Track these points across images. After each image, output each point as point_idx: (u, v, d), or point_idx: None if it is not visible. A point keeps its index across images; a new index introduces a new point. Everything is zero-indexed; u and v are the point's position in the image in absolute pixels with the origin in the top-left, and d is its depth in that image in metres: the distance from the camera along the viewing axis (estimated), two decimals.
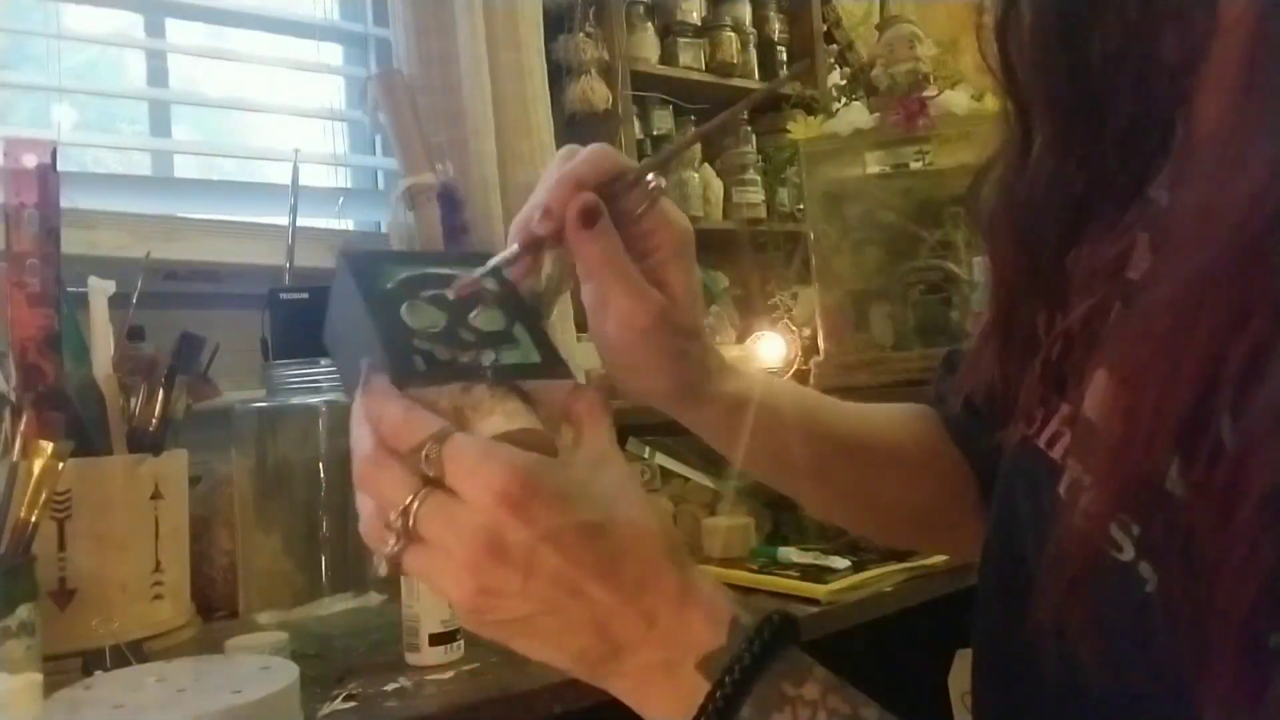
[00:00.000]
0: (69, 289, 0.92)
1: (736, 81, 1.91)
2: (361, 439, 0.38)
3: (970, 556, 0.58)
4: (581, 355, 1.50)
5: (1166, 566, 0.33)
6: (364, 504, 0.38)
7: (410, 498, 0.36)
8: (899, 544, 0.67)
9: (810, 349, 1.56)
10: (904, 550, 1.10)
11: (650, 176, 0.48)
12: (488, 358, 0.41)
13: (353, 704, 0.74)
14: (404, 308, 0.42)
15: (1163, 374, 0.31)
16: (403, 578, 0.82)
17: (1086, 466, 0.38)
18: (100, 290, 0.94)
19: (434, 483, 0.36)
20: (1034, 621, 0.39)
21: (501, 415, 0.38)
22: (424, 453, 0.36)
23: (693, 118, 1.90)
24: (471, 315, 0.43)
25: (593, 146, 0.48)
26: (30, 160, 0.87)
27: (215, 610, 1.02)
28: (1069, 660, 0.37)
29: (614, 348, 0.48)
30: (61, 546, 0.84)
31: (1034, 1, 0.43)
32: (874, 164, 1.46)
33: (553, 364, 0.42)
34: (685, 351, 0.50)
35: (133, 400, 0.94)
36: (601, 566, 0.36)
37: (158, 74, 1.45)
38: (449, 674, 0.81)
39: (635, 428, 1.27)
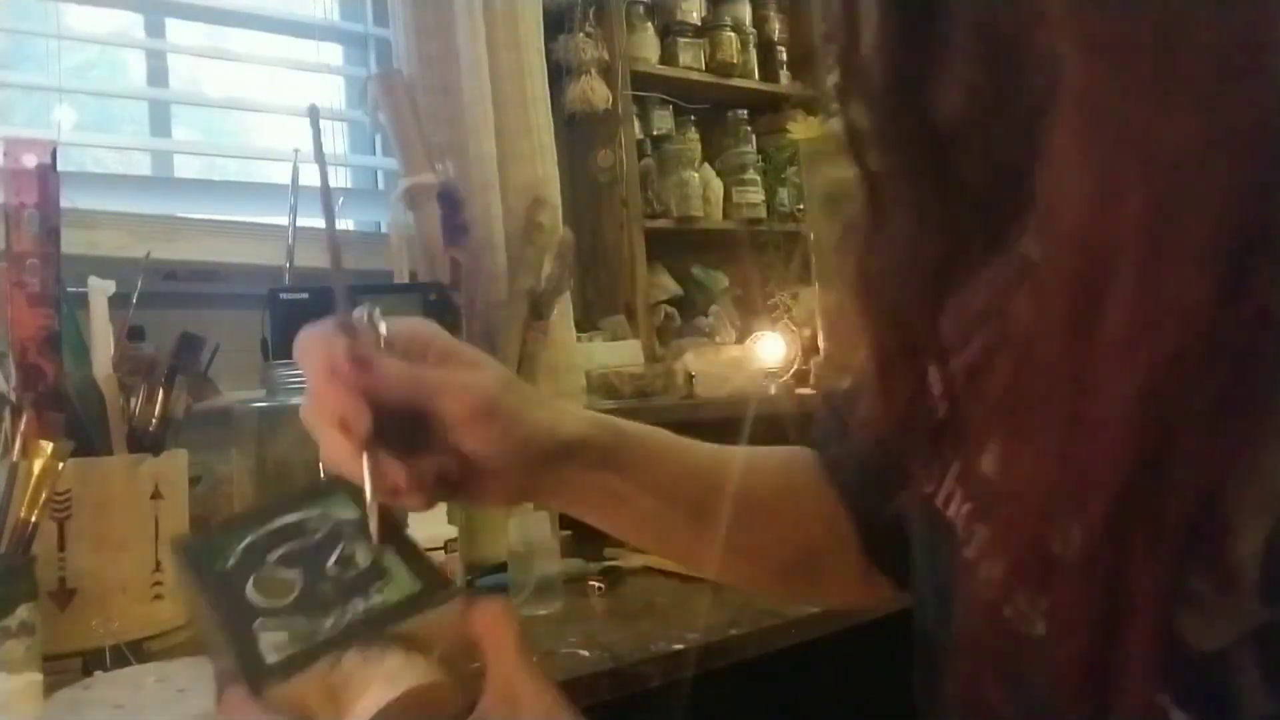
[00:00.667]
0: (69, 289, 0.92)
1: (736, 81, 1.92)
2: None
3: (852, 604, 0.57)
4: (582, 356, 1.50)
5: (1075, 642, 0.31)
6: None
7: None
8: (775, 592, 0.64)
9: (810, 349, 1.56)
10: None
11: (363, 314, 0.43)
12: (355, 608, 0.36)
13: None
14: (249, 585, 0.37)
15: (1059, 441, 0.30)
16: None
17: (990, 530, 0.37)
18: (100, 290, 0.94)
19: None
20: (951, 697, 0.39)
21: (381, 683, 0.33)
22: None
23: (692, 118, 1.90)
24: (330, 561, 0.38)
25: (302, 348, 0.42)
26: (30, 160, 0.87)
27: None
28: None
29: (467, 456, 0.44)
30: (61, 546, 0.84)
31: (875, 65, 0.40)
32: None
33: (433, 587, 0.37)
34: (519, 419, 0.46)
35: (133, 400, 0.94)
36: None
37: (158, 74, 1.45)
38: None
39: None
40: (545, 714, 0.35)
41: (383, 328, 0.42)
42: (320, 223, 0.45)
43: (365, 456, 0.40)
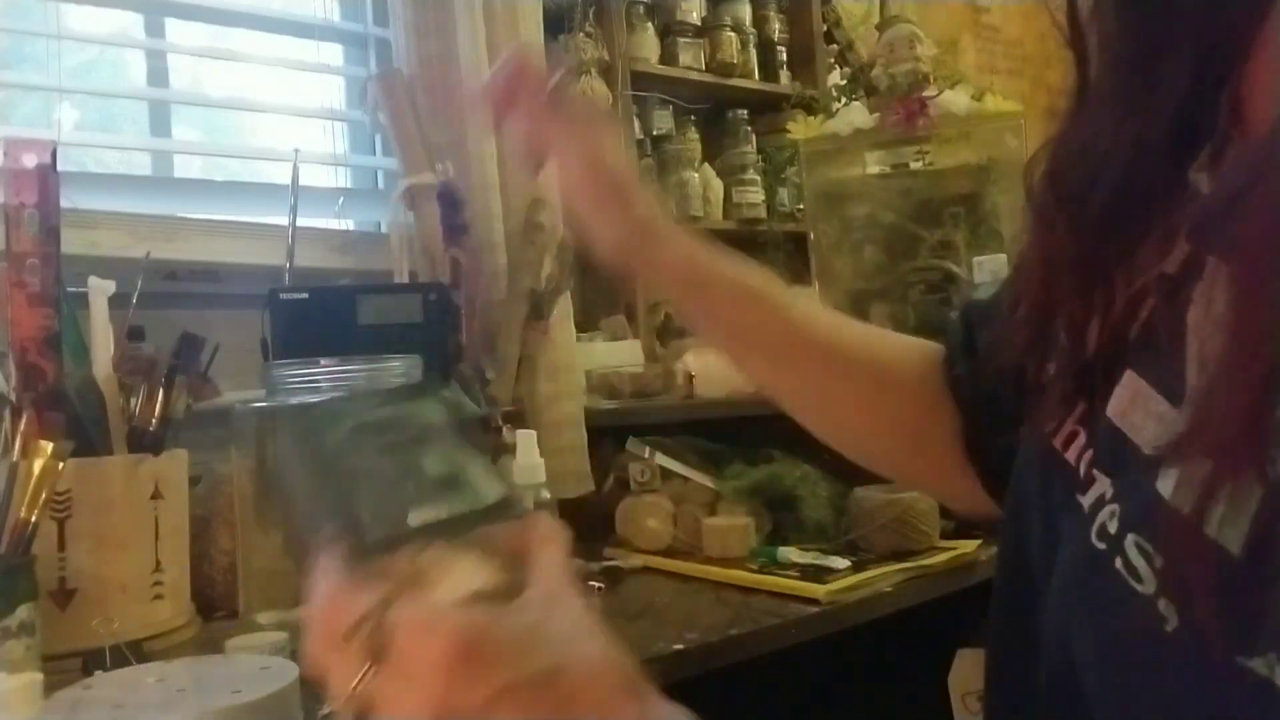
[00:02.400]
0: (69, 289, 0.92)
1: (736, 81, 1.92)
2: (308, 621, 0.37)
3: (941, 495, 0.66)
4: (582, 356, 1.50)
5: (1190, 610, 0.31)
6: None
7: (355, 682, 0.35)
8: (864, 451, 0.68)
9: None
10: (903, 550, 1.11)
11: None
12: (437, 511, 0.39)
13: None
14: (356, 463, 0.40)
15: (1231, 386, 0.30)
16: None
17: (1112, 481, 0.37)
18: (100, 290, 0.94)
19: (380, 661, 0.35)
20: (1041, 637, 0.39)
21: (458, 576, 0.37)
22: (365, 632, 0.35)
23: (692, 117, 1.90)
24: (423, 461, 0.41)
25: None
26: (30, 160, 0.87)
27: (215, 610, 1.02)
28: (1075, 681, 0.36)
29: (565, 195, 0.55)
30: (61, 546, 0.84)
31: None
32: (874, 164, 1.47)
33: (506, 505, 0.41)
34: (629, 202, 0.57)
35: (133, 400, 0.94)
36: (557, 714, 0.35)
37: (158, 74, 1.45)
38: None
39: (635, 428, 1.27)
40: (580, 616, 0.37)
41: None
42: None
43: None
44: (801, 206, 1.82)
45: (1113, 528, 0.35)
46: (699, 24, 1.89)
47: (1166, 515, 0.32)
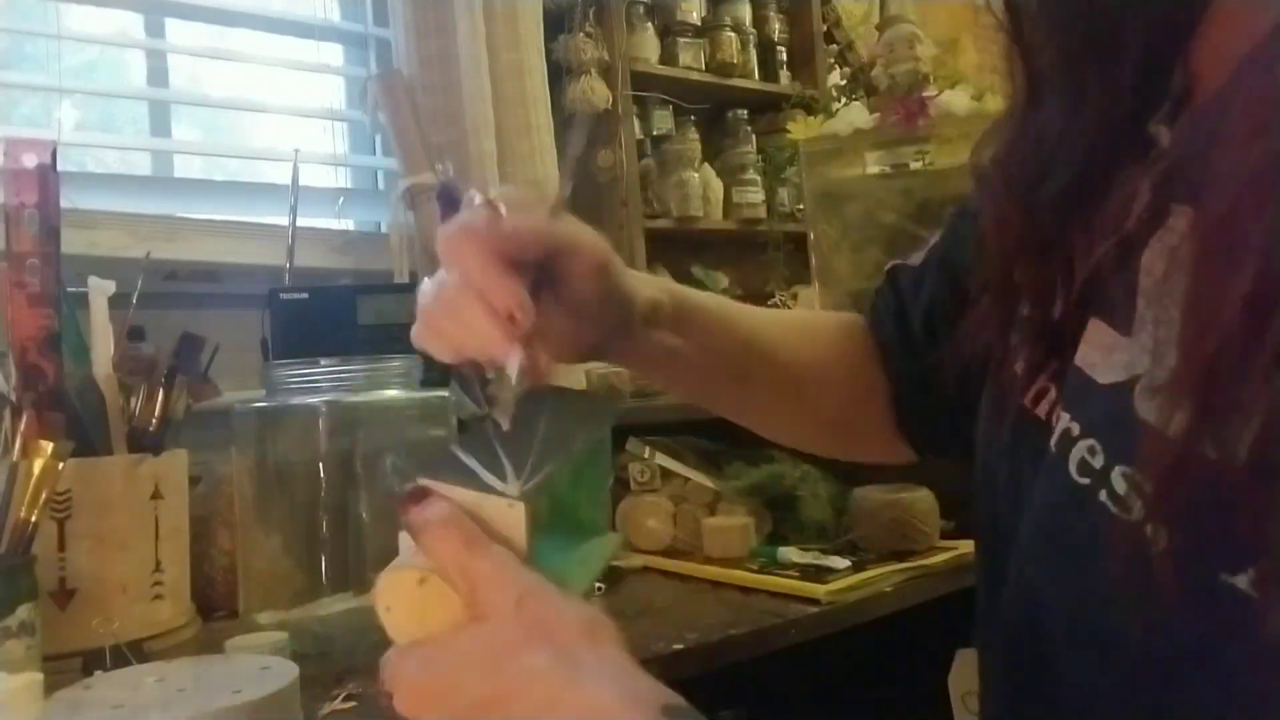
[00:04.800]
0: (69, 289, 0.92)
1: (736, 81, 1.92)
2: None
3: (881, 459, 0.66)
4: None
5: (1180, 530, 0.31)
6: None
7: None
8: (814, 447, 0.71)
9: None
10: (903, 550, 1.11)
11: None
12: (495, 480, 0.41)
13: (353, 704, 0.74)
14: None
15: (1200, 318, 0.30)
16: None
17: (1077, 418, 0.38)
18: (100, 290, 0.94)
19: None
20: (1017, 581, 0.40)
21: (511, 531, 0.39)
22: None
23: (692, 117, 1.90)
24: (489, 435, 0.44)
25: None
26: (30, 160, 0.87)
27: (215, 610, 1.02)
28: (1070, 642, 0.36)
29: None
30: (61, 546, 0.84)
31: None
32: (874, 164, 1.46)
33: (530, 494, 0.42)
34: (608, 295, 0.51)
35: (133, 400, 0.94)
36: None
37: (158, 74, 1.45)
38: None
39: (635, 428, 1.27)
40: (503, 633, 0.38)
41: (503, 208, 0.46)
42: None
43: (520, 347, 0.43)
44: (801, 206, 1.82)
45: (1097, 462, 0.36)
46: (699, 24, 1.89)
47: (1153, 440, 0.32)
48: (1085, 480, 0.36)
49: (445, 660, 0.36)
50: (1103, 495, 0.35)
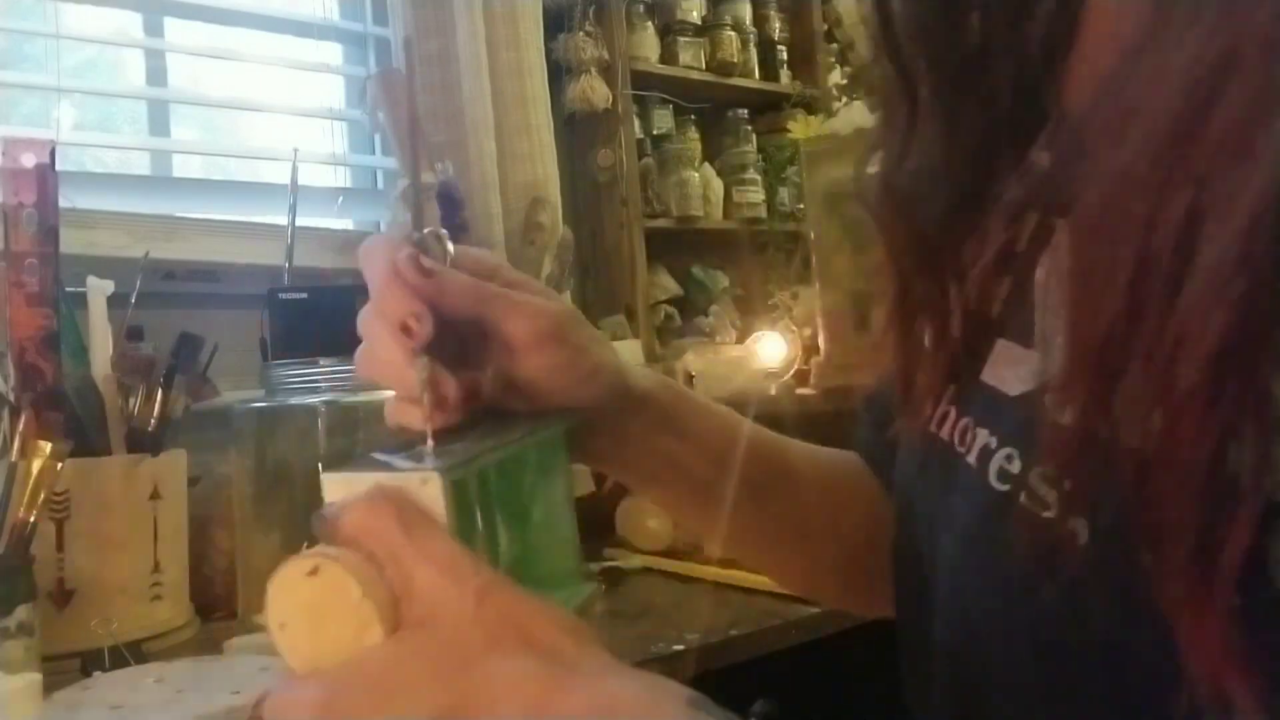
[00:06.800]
0: (68, 289, 0.92)
1: (736, 81, 1.91)
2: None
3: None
4: None
5: (1099, 517, 0.31)
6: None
7: None
8: (830, 595, 0.63)
9: (810, 349, 1.55)
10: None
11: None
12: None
13: None
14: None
15: (1092, 309, 0.30)
16: None
17: (994, 432, 0.38)
18: (99, 290, 0.94)
19: None
20: (946, 603, 0.40)
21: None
22: None
23: (692, 117, 1.90)
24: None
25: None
26: (29, 160, 0.87)
27: (214, 610, 1.02)
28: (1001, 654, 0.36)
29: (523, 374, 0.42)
30: (60, 547, 0.84)
31: None
32: (875, 164, 1.46)
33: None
34: (597, 368, 0.44)
35: (131, 400, 0.94)
36: None
37: (157, 73, 1.45)
38: None
39: None
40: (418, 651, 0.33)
41: (450, 246, 0.41)
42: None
43: (421, 362, 0.38)
44: (801, 206, 1.82)
45: (1014, 468, 0.36)
46: (699, 23, 1.89)
47: (1054, 432, 0.32)
48: (1005, 486, 0.36)
49: (377, 671, 0.30)
50: (1023, 498, 0.35)
